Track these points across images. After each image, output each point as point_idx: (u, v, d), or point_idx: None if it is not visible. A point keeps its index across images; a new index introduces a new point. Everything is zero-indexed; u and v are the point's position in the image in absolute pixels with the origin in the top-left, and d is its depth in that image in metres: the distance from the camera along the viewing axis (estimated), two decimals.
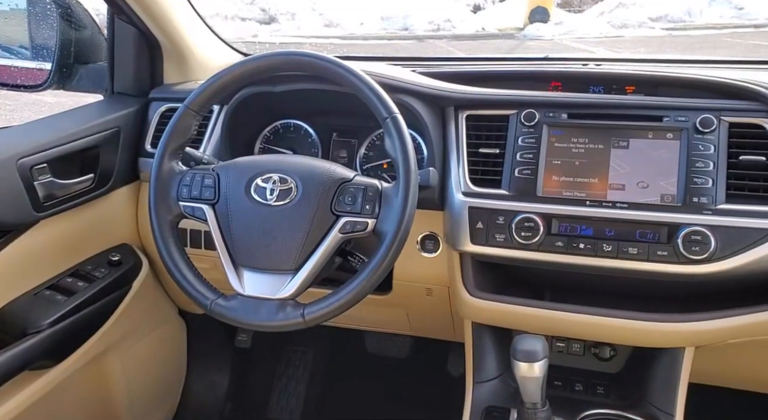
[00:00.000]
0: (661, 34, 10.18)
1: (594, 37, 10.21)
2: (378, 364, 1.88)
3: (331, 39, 10.75)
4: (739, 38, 8.80)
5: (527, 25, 11.25)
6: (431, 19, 12.62)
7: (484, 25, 12.41)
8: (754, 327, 1.06)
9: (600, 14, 11.45)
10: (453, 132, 1.20)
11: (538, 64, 1.45)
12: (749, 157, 1.05)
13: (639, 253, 1.05)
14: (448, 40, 11.15)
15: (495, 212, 1.12)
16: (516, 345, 1.02)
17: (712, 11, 10.75)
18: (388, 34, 12.20)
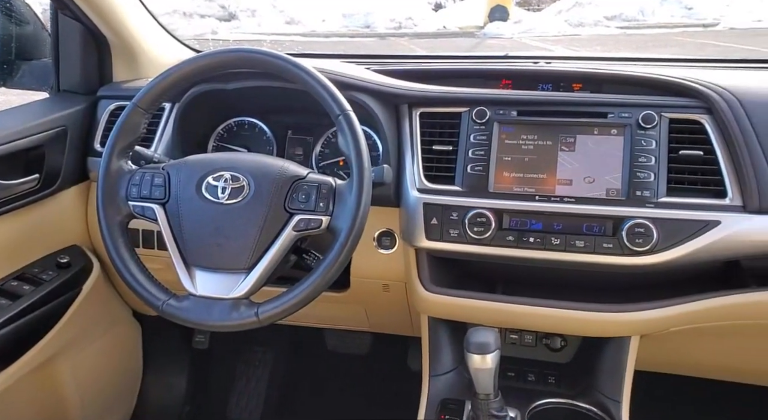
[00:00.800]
0: (616, 32, 10.45)
1: (552, 35, 10.40)
2: (338, 361, 1.88)
3: (292, 36, 10.67)
4: (689, 37, 9.10)
5: (487, 24, 11.38)
6: (393, 16, 12.65)
7: (446, 24, 12.51)
8: (694, 315, 1.11)
9: (558, 13, 11.68)
10: (407, 129, 1.22)
11: (490, 62, 1.47)
12: (688, 152, 1.09)
13: (585, 245, 1.09)
14: (409, 38, 11.19)
15: (449, 208, 1.14)
16: (469, 338, 1.04)
17: (664, 10, 11.09)
18: (349, 32, 12.17)
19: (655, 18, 10.98)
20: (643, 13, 11.14)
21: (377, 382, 1.84)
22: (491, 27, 11.11)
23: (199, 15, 11.72)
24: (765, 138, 1.05)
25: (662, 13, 11.01)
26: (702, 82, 1.12)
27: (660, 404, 1.51)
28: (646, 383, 1.25)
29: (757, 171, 1.04)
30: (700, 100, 1.11)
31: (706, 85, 1.11)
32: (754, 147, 1.05)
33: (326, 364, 1.92)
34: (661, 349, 1.23)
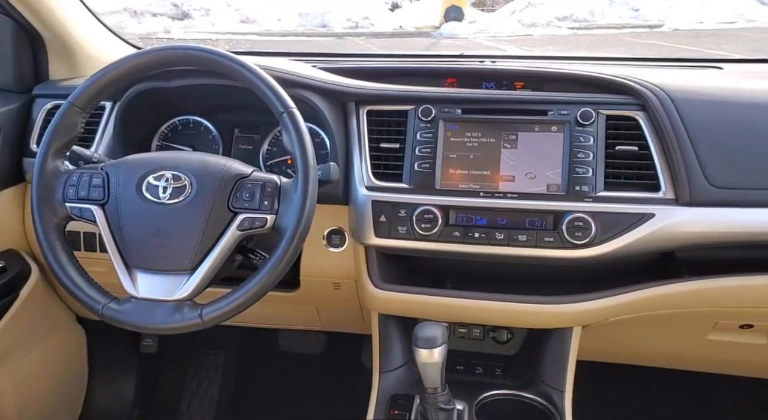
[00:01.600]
0: (567, 32, 10.71)
1: (506, 35, 10.58)
2: (292, 361, 1.87)
3: (248, 35, 10.54)
4: (636, 38, 9.41)
5: (443, 24, 11.49)
6: (349, 16, 12.64)
7: (402, 24, 12.57)
8: (631, 305, 1.15)
9: (511, 13, 11.88)
10: (354, 127, 1.22)
11: (436, 61, 1.49)
12: (623, 148, 1.13)
13: (528, 239, 1.11)
14: (366, 38, 11.20)
15: (397, 205, 1.15)
16: (417, 333, 1.05)
17: (613, 12, 11.43)
18: (306, 31, 12.10)
19: (604, 19, 11.31)
20: (593, 14, 11.45)
21: (331, 382, 1.84)
22: (447, 27, 11.23)
23: (150, 13, 11.45)
24: (695, 133, 1.10)
25: (611, 15, 11.35)
26: (636, 80, 1.16)
27: (602, 392, 1.56)
28: (589, 372, 1.29)
29: (687, 165, 1.08)
30: (634, 97, 1.15)
31: (640, 83, 1.15)
32: (684, 142, 1.09)
33: (280, 365, 1.90)
34: (603, 339, 1.27)
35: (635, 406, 1.65)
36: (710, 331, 1.24)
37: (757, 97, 1.16)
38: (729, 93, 1.18)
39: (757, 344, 1.24)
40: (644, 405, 1.65)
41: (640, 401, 1.65)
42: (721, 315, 1.19)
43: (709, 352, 1.31)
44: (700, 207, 1.08)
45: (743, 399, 1.59)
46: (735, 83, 1.25)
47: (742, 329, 1.22)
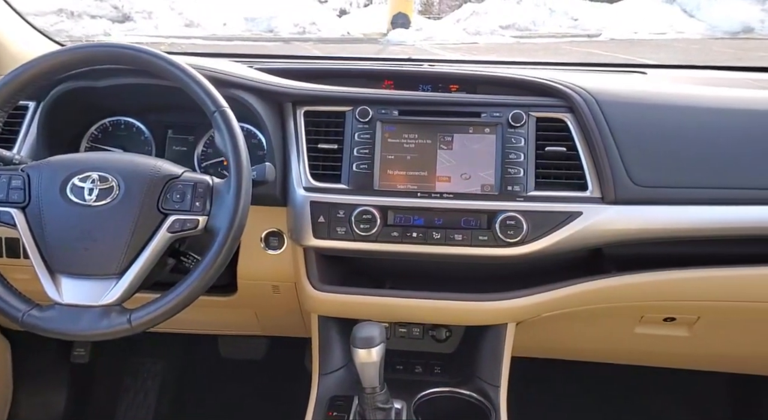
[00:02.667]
0: (511, 41, 10.98)
1: (452, 43, 10.75)
2: (233, 368, 1.84)
3: (193, 39, 10.32)
4: (576, 46, 9.75)
5: (390, 31, 11.58)
6: (297, 21, 12.58)
7: (350, 30, 12.60)
8: (561, 301, 1.19)
9: (456, 21, 12.09)
10: (292, 128, 1.22)
11: (375, 63, 1.50)
12: (553, 148, 1.17)
13: (463, 239, 1.14)
14: (314, 43, 11.17)
15: (335, 206, 1.15)
16: (355, 333, 1.06)
17: (553, 21, 11.81)
18: (253, 36, 11.96)
19: (545, 28, 11.67)
20: (535, 24, 11.80)
21: (273, 387, 1.82)
22: (394, 34, 11.32)
23: (89, 15, 11.07)
24: (619, 134, 1.14)
25: (551, 24, 11.73)
26: (564, 83, 1.20)
27: (537, 387, 1.61)
28: (524, 368, 1.32)
29: (612, 165, 1.13)
30: (562, 100, 1.19)
31: (567, 86, 1.19)
32: (609, 143, 1.14)
33: (221, 372, 1.87)
34: (537, 335, 1.31)
35: (568, 400, 1.70)
36: (637, 324, 1.29)
37: (676, 100, 1.23)
38: (651, 96, 1.23)
39: (680, 336, 1.30)
40: (577, 398, 1.71)
41: (572, 395, 1.71)
42: (646, 309, 1.24)
43: (636, 345, 1.36)
44: (624, 205, 1.13)
45: (670, 390, 1.67)
46: (657, 87, 1.31)
47: (666, 322, 1.28)
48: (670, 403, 1.68)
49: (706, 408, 1.69)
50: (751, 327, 1.29)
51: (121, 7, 11.50)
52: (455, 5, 14.36)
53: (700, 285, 1.19)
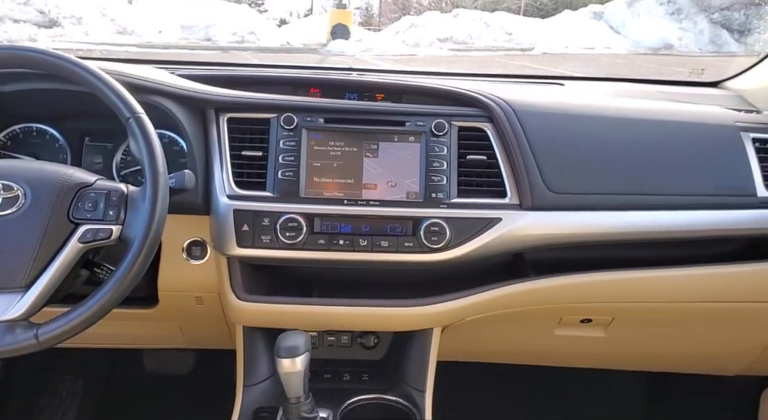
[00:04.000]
0: (448, 54, 11.24)
1: (392, 54, 10.89)
2: (159, 383, 1.77)
3: (126, 47, 10.01)
4: (510, 60, 10.08)
5: (330, 42, 11.62)
6: (235, 30, 12.43)
7: (289, 40, 12.56)
8: (484, 304, 1.21)
9: (396, 33, 12.28)
10: (215, 135, 1.20)
11: (302, 71, 1.50)
12: (474, 157, 1.20)
13: (390, 245, 1.15)
14: (253, 52, 11.06)
15: (260, 214, 1.14)
16: (279, 343, 1.05)
17: (489, 35, 12.19)
18: (189, 44, 11.72)
19: (481, 42, 12.02)
20: (471, 37, 12.14)
21: (201, 402, 1.76)
22: (334, 45, 11.37)
23: (11, 19, 10.55)
24: (535, 143, 1.19)
25: (487, 38, 12.10)
26: (484, 93, 1.24)
27: (463, 390, 1.63)
28: (450, 372, 1.34)
29: (529, 173, 1.17)
30: (482, 110, 1.22)
31: (487, 97, 1.23)
32: (526, 152, 1.18)
33: (145, 388, 1.80)
34: (462, 339, 1.33)
35: (492, 402, 1.74)
36: (556, 326, 1.34)
37: (589, 111, 1.28)
38: (566, 107, 1.29)
39: (597, 337, 1.36)
40: (500, 400, 1.75)
41: (496, 397, 1.75)
42: (564, 311, 1.29)
43: (556, 346, 1.41)
44: (540, 211, 1.17)
45: (589, 389, 1.73)
46: (573, 99, 1.37)
47: (582, 324, 1.33)
48: (590, 402, 1.74)
49: (623, 405, 1.76)
50: (661, 327, 1.35)
51: (47, 11, 11.02)
52: (395, 17, 14.58)
53: (613, 287, 1.24)
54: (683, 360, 1.48)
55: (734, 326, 1.34)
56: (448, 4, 15.05)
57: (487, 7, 13.96)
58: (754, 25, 6.38)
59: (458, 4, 14.33)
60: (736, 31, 11.17)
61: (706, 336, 1.37)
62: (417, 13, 14.29)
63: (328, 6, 14.40)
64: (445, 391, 1.28)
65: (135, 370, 1.74)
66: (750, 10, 9.78)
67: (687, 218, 1.20)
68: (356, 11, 17.79)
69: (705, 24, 11.96)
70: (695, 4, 12.11)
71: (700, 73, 1.82)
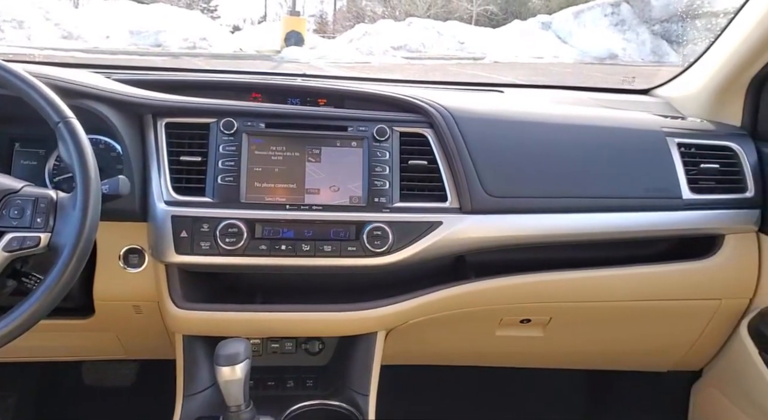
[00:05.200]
0: (402, 61, 11.35)
1: (346, 61, 10.92)
2: (99, 396, 1.72)
3: (72, 52, 9.71)
4: (462, 68, 10.26)
5: (284, 48, 11.57)
6: (186, 36, 12.24)
7: (242, 46, 12.45)
8: (427, 307, 1.23)
9: (349, 41, 12.32)
10: (152, 140, 1.17)
11: (242, 76, 1.49)
12: (415, 162, 1.21)
13: (333, 250, 1.15)
14: (205, 59, 10.92)
15: (199, 220, 1.12)
16: (218, 351, 1.04)
17: (441, 44, 12.38)
18: (139, 50, 11.47)
19: (434, 50, 12.20)
20: (425, 46, 12.30)
21: (143, 414, 1.71)
22: (288, 51, 11.32)
23: None
24: (474, 149, 1.21)
25: (440, 46, 12.29)
26: (425, 100, 1.26)
27: (407, 393, 1.64)
28: (394, 375, 1.35)
29: (468, 177, 1.19)
30: (423, 115, 1.24)
31: (428, 103, 1.25)
32: (465, 157, 1.20)
33: (85, 402, 1.73)
34: (406, 342, 1.34)
35: (436, 404, 1.76)
36: (497, 327, 1.36)
37: (526, 117, 1.32)
38: (505, 114, 1.32)
39: (536, 337, 1.39)
40: (444, 402, 1.77)
41: (440, 398, 1.77)
42: (504, 312, 1.32)
43: (498, 347, 1.44)
44: (480, 214, 1.20)
45: (531, 388, 1.77)
46: (511, 105, 1.40)
47: (522, 324, 1.36)
48: (533, 401, 1.78)
49: (564, 402, 1.81)
50: (597, 325, 1.40)
51: None
52: (348, 25, 14.64)
53: (550, 287, 1.28)
54: (619, 357, 1.53)
55: (665, 323, 1.40)
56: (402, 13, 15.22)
57: (440, 17, 14.20)
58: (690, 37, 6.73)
59: (411, 13, 14.52)
60: (674, 42, 11.72)
61: (639, 334, 1.43)
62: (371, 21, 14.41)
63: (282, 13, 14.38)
64: (390, 395, 1.29)
65: (73, 383, 1.68)
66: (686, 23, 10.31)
67: (619, 220, 1.25)
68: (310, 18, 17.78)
69: (647, 35, 12.49)
70: (637, 16, 12.63)
71: (631, 81, 1.89)
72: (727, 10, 1.36)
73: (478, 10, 15.22)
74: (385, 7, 17.14)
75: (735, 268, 1.32)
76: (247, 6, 19.30)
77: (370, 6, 18.09)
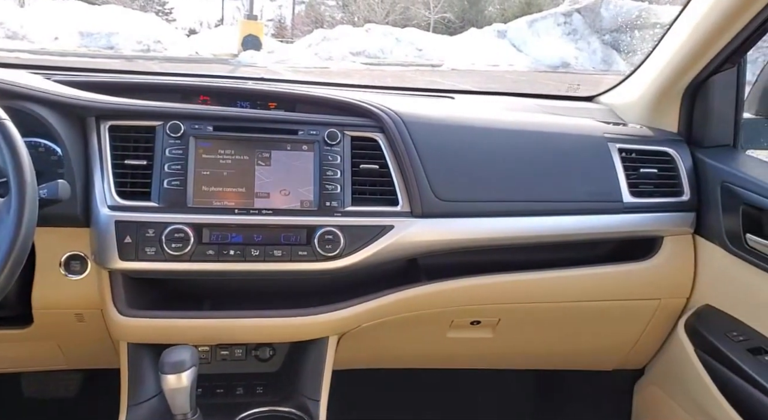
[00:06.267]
0: (361, 67, 11.39)
1: (304, 66, 10.89)
2: (39, 408, 1.65)
3: (18, 53, 9.37)
4: (420, 75, 10.37)
5: (241, 52, 11.46)
6: (140, 39, 11.99)
7: (198, 50, 12.26)
8: (379, 310, 1.23)
9: (308, 46, 12.29)
10: (95, 143, 1.14)
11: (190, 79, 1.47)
12: (367, 166, 1.22)
13: (283, 254, 1.14)
14: (159, 62, 10.71)
15: (144, 225, 1.10)
16: (163, 358, 1.02)
17: (400, 50, 12.50)
18: (90, 52, 11.16)
19: (393, 56, 12.29)
20: (383, 52, 12.38)
21: None
22: (245, 55, 11.22)
23: None
24: (424, 154, 1.22)
25: (398, 53, 12.39)
26: (376, 105, 1.26)
27: (359, 397, 1.65)
28: (347, 380, 1.35)
29: (418, 182, 1.21)
30: (374, 120, 1.25)
31: (379, 108, 1.25)
32: (415, 161, 1.22)
33: (25, 415, 1.67)
34: (359, 346, 1.34)
35: (388, 407, 1.76)
36: (448, 329, 1.38)
37: (475, 123, 1.34)
38: (455, 119, 1.34)
39: (486, 338, 1.41)
40: (396, 404, 1.77)
41: (392, 401, 1.77)
42: (455, 314, 1.33)
43: (449, 348, 1.46)
44: (430, 218, 1.21)
45: (483, 389, 1.79)
46: (461, 111, 1.43)
47: (472, 325, 1.38)
48: (484, 402, 1.80)
49: (513, 402, 1.84)
50: (544, 326, 1.43)
51: None
52: (307, 30, 14.61)
53: (499, 289, 1.30)
54: (566, 357, 1.57)
55: (609, 323, 1.44)
56: (361, 19, 15.29)
57: (398, 23, 14.33)
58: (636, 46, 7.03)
59: (370, 19, 14.60)
60: (623, 52, 12.17)
61: (585, 333, 1.47)
62: (330, 26, 14.43)
63: (240, 17, 14.26)
64: (342, 400, 1.29)
65: (12, 395, 1.61)
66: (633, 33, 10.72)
67: (563, 223, 1.28)
68: (268, 23, 17.65)
69: (598, 44, 12.91)
70: (589, 26, 13.03)
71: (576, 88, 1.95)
72: (670, 21, 1.41)
73: (436, 17, 15.43)
74: (344, 12, 17.19)
75: (673, 269, 1.37)
76: (204, 9, 19.01)
77: (329, 11, 18.11)
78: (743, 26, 1.22)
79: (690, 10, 1.31)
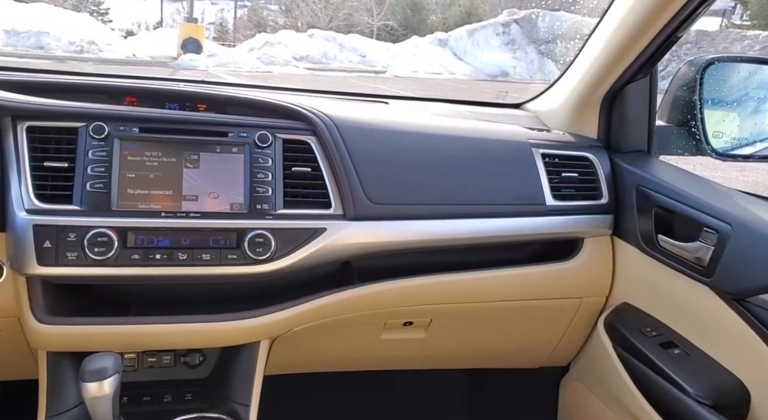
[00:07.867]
0: (305, 72, 11.35)
1: (247, 70, 10.75)
2: None
3: None
4: (364, 81, 10.43)
5: (181, 55, 11.20)
6: (73, 39, 11.52)
7: (136, 52, 11.90)
8: (310, 313, 1.23)
9: (250, 50, 12.13)
10: (11, 145, 1.10)
11: (115, 79, 1.43)
12: (299, 169, 1.22)
13: (212, 258, 1.12)
14: (94, 63, 10.33)
15: (65, 229, 1.06)
16: (84, 366, 0.98)
17: (343, 56, 12.53)
18: (17, 51, 10.64)
19: (336, 62, 12.31)
20: (327, 57, 12.38)
21: None
22: (185, 58, 10.97)
23: None
24: (356, 156, 1.24)
25: (342, 59, 12.43)
26: (308, 108, 1.27)
27: (293, 402, 1.64)
28: (279, 384, 1.35)
29: (351, 184, 1.22)
30: (306, 123, 1.25)
31: (311, 111, 1.26)
32: (348, 164, 1.23)
33: None
34: (292, 350, 1.34)
35: (322, 411, 1.77)
36: (382, 331, 1.39)
37: (408, 128, 1.37)
38: (387, 124, 1.36)
39: (418, 338, 1.44)
40: (330, 408, 1.78)
41: (326, 405, 1.78)
42: (388, 315, 1.35)
43: (383, 350, 1.47)
44: (363, 221, 1.22)
45: (416, 389, 1.82)
46: (394, 116, 1.45)
47: (405, 327, 1.40)
48: (417, 402, 1.83)
49: (446, 401, 1.88)
50: (474, 325, 1.47)
51: None
52: (250, 34, 14.43)
53: (430, 290, 1.33)
54: (495, 356, 1.62)
55: (535, 322, 1.49)
56: (304, 24, 15.24)
57: (342, 29, 14.36)
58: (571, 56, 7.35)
59: (313, 24, 14.57)
60: (558, 61, 12.66)
61: (512, 332, 1.51)
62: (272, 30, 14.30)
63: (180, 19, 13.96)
64: (274, 405, 1.28)
65: None
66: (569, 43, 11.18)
67: (490, 225, 1.32)
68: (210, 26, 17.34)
69: (534, 54, 13.36)
70: (526, 37, 13.47)
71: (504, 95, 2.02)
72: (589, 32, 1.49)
73: (379, 24, 15.57)
74: (287, 17, 17.08)
75: (593, 269, 1.44)
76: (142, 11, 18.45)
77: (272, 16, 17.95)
78: (651, 39, 1.29)
79: (605, 23, 1.38)
